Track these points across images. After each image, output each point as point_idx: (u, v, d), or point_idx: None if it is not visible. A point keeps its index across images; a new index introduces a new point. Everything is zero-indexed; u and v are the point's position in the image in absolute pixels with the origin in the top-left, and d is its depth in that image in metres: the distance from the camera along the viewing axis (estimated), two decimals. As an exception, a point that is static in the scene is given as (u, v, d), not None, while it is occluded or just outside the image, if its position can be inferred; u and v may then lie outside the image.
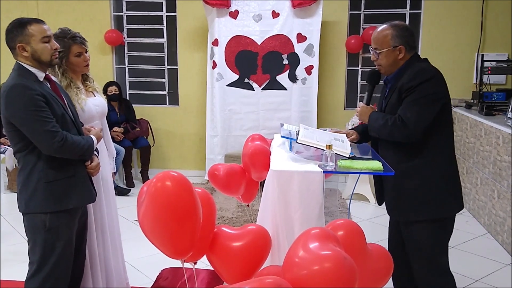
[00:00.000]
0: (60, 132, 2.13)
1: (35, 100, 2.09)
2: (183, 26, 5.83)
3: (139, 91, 6.20)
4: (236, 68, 5.42)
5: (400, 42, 2.26)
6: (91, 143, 2.30)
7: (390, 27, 2.29)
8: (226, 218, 4.45)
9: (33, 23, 2.17)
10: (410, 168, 2.26)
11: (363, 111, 2.44)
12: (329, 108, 5.72)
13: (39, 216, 2.20)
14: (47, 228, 2.20)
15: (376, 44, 2.31)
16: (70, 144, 2.16)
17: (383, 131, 2.27)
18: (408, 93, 2.19)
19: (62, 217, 2.23)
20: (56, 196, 2.20)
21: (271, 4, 5.30)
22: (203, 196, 2.11)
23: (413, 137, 2.19)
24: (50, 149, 2.13)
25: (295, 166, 2.32)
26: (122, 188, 5.28)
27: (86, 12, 5.87)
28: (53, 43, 2.23)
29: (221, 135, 5.52)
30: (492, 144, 4.06)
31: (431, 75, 2.20)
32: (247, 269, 2.11)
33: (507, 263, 3.55)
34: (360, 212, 4.68)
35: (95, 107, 2.60)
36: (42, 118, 2.09)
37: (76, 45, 2.50)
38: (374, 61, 2.37)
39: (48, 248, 2.22)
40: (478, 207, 4.40)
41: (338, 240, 1.65)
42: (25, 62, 2.19)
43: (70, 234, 2.29)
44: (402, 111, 2.20)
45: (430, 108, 2.18)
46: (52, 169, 2.19)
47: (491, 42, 5.33)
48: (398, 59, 2.29)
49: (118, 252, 2.83)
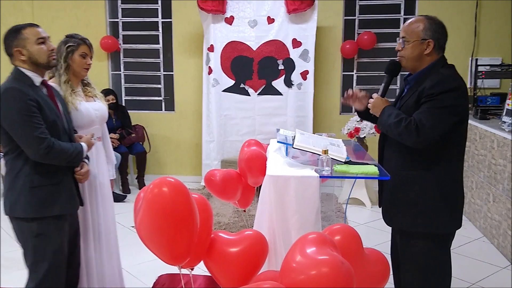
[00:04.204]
0: (48, 139, 2.13)
1: (26, 104, 2.09)
2: (178, 32, 5.84)
3: (135, 97, 6.20)
4: (231, 73, 5.43)
5: (431, 36, 2.13)
6: (80, 150, 2.30)
7: (425, 19, 2.17)
8: (223, 223, 4.44)
9: (27, 27, 2.21)
10: (411, 176, 2.17)
11: (377, 103, 2.27)
12: (324, 113, 5.74)
13: (26, 222, 2.19)
14: (36, 234, 2.20)
15: (406, 33, 2.18)
16: (58, 151, 2.16)
17: (393, 129, 2.13)
18: (428, 99, 2.07)
19: (51, 223, 2.22)
20: (39, 202, 2.19)
21: (266, 10, 5.32)
22: (200, 201, 2.11)
23: (423, 145, 2.08)
24: (36, 155, 2.14)
25: (291, 171, 2.32)
26: (118, 194, 5.26)
27: (82, 18, 5.89)
28: (49, 44, 2.25)
29: (217, 141, 5.52)
30: (487, 148, 4.08)
31: (455, 86, 2.07)
32: (244, 275, 2.11)
33: (503, 266, 3.56)
34: (356, 217, 4.69)
35: (94, 111, 2.61)
36: (31, 124, 2.10)
37: (84, 46, 2.55)
38: (398, 51, 2.23)
39: (39, 254, 2.22)
40: (473, 211, 4.42)
41: (335, 245, 1.65)
42: (23, 66, 2.21)
43: (61, 240, 2.27)
44: (418, 116, 2.07)
45: (447, 120, 2.05)
46: (38, 174, 2.19)
47: (485, 46, 5.38)
48: (424, 54, 2.15)
49: (114, 259, 2.80)
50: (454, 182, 2.20)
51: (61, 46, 2.52)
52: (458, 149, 2.20)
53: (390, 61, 2.33)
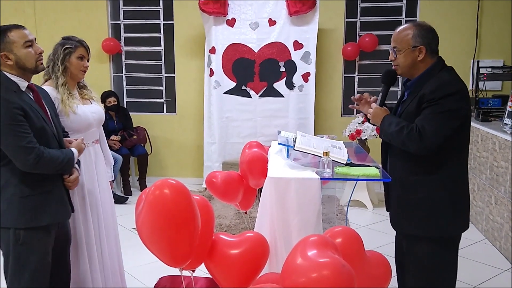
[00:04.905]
0: (37, 148, 2.04)
1: (12, 113, 1.99)
2: (180, 34, 5.85)
3: (137, 99, 6.20)
4: (233, 75, 5.44)
5: (421, 43, 2.13)
6: (71, 157, 2.21)
7: (413, 26, 2.16)
8: (224, 225, 4.44)
9: (13, 29, 2.12)
10: (417, 181, 2.16)
11: (376, 113, 2.27)
12: (326, 115, 5.74)
13: (14, 230, 2.11)
14: (20, 242, 2.11)
15: (396, 43, 2.18)
16: (47, 160, 2.08)
17: (396, 138, 2.13)
18: (429, 104, 2.06)
19: (37, 233, 2.14)
20: (30, 211, 2.11)
21: (268, 12, 5.32)
22: (202, 203, 2.11)
23: (427, 151, 2.07)
24: (25, 166, 2.05)
25: (293, 173, 2.32)
26: (119, 196, 5.27)
27: (84, 20, 5.89)
28: (37, 47, 2.17)
29: (218, 143, 5.53)
30: (489, 150, 4.08)
31: (456, 89, 2.07)
32: (245, 277, 2.11)
33: (505, 269, 3.55)
34: (357, 219, 4.68)
35: (92, 114, 2.59)
36: (17, 133, 2.00)
37: (82, 48, 2.53)
38: (391, 61, 2.24)
39: (21, 263, 2.13)
40: (475, 213, 4.41)
41: (336, 247, 1.65)
42: (8, 71, 2.10)
43: (45, 250, 2.19)
44: (419, 122, 2.07)
45: (450, 124, 2.05)
46: (27, 184, 2.10)
47: (486, 48, 5.37)
48: (417, 61, 2.15)
49: (115, 261, 2.80)
50: (459, 184, 2.21)
51: (58, 48, 2.49)
52: (461, 151, 2.20)
53: (386, 70, 2.34)
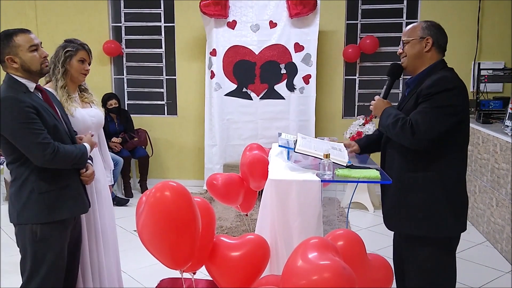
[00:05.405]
0: (52, 144, 2.12)
1: (25, 112, 2.07)
2: (181, 37, 5.86)
3: (138, 101, 6.21)
4: (234, 77, 5.44)
5: (429, 34, 2.19)
6: (84, 151, 2.29)
7: (423, 21, 2.27)
8: (225, 227, 4.44)
9: (19, 33, 2.15)
10: (415, 180, 2.16)
11: (378, 105, 2.29)
12: (327, 117, 5.74)
13: (30, 227, 2.18)
14: (38, 238, 2.18)
15: (405, 36, 2.25)
16: (63, 154, 2.15)
17: (391, 129, 2.15)
18: (425, 99, 2.08)
19: (54, 228, 2.21)
20: (49, 207, 2.18)
21: (269, 14, 5.33)
22: (203, 205, 2.11)
23: (419, 145, 2.08)
24: (43, 161, 2.12)
25: (293, 175, 2.32)
26: (120, 198, 5.27)
27: (85, 23, 5.91)
28: (42, 51, 2.21)
29: (219, 145, 5.52)
30: (490, 152, 4.07)
31: (453, 86, 2.08)
32: (246, 279, 2.11)
33: (506, 271, 3.55)
34: (358, 221, 4.68)
35: (90, 118, 2.59)
36: (33, 131, 2.08)
37: (83, 51, 2.55)
38: (399, 55, 2.28)
39: (39, 259, 2.20)
40: (476, 215, 4.40)
41: (337, 250, 1.65)
42: (15, 74, 2.17)
43: (62, 245, 2.26)
44: (414, 116, 2.08)
45: (444, 119, 2.05)
46: (44, 180, 2.18)
47: (487, 50, 5.37)
48: (423, 52, 2.19)
49: (113, 263, 2.78)
50: (458, 184, 2.19)
51: (59, 51, 2.50)
52: (460, 150, 2.19)
53: (392, 63, 2.36)
